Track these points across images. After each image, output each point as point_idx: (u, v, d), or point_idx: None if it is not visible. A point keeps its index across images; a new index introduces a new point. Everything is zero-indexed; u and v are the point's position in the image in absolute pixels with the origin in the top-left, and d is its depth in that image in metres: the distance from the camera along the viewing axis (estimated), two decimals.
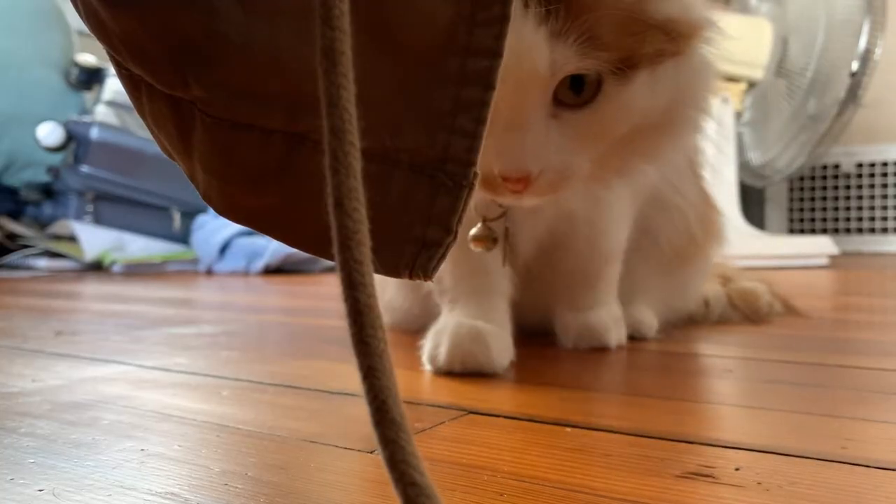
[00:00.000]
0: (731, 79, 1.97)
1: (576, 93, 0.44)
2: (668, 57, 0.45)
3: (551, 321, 0.69)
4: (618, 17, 0.42)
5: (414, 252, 0.30)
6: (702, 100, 0.52)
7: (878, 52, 1.92)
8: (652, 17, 0.43)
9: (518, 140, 0.44)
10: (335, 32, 0.22)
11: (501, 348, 0.58)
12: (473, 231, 0.56)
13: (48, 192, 2.24)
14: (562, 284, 0.68)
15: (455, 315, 0.61)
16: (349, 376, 0.60)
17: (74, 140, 2.17)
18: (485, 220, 0.56)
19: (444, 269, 0.60)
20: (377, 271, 0.32)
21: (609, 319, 0.67)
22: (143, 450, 0.39)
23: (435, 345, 0.58)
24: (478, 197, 0.52)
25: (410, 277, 0.31)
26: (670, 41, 0.45)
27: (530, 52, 0.41)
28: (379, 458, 0.37)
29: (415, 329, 0.69)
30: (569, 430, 0.42)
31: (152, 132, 0.34)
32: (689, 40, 0.46)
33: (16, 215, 2.26)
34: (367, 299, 0.21)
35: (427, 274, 0.31)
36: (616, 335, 0.67)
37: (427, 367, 0.58)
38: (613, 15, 0.41)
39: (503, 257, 0.60)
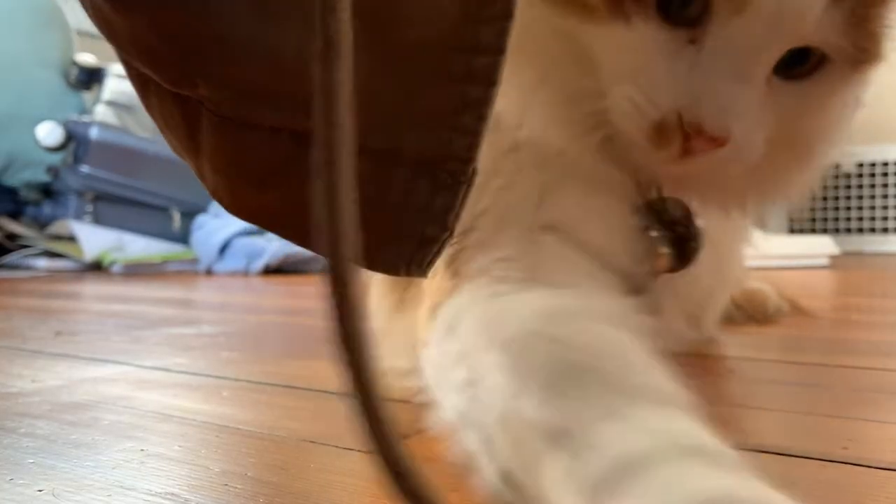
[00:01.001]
0: None
1: (791, 63, 0.36)
2: (861, 71, 0.38)
3: None
4: (888, 7, 0.36)
5: (412, 250, 0.30)
6: (834, 136, 0.43)
7: None
8: (882, 24, 0.37)
9: (738, 94, 0.35)
10: (339, 24, 0.21)
11: None
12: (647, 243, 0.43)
13: (48, 192, 2.24)
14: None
15: None
16: None
17: (74, 140, 2.17)
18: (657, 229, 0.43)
19: None
20: (376, 269, 0.32)
21: None
22: (142, 450, 0.39)
23: None
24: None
25: (407, 275, 0.31)
26: (872, 55, 0.38)
27: (804, 5, 0.34)
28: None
29: None
30: None
31: (161, 130, 0.34)
32: (874, 63, 0.39)
33: (15, 215, 2.26)
34: (354, 295, 0.21)
35: (423, 271, 0.31)
36: None
37: None
38: (883, 4, 0.36)
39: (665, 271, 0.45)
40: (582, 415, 0.25)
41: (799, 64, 0.36)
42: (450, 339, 0.34)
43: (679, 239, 0.43)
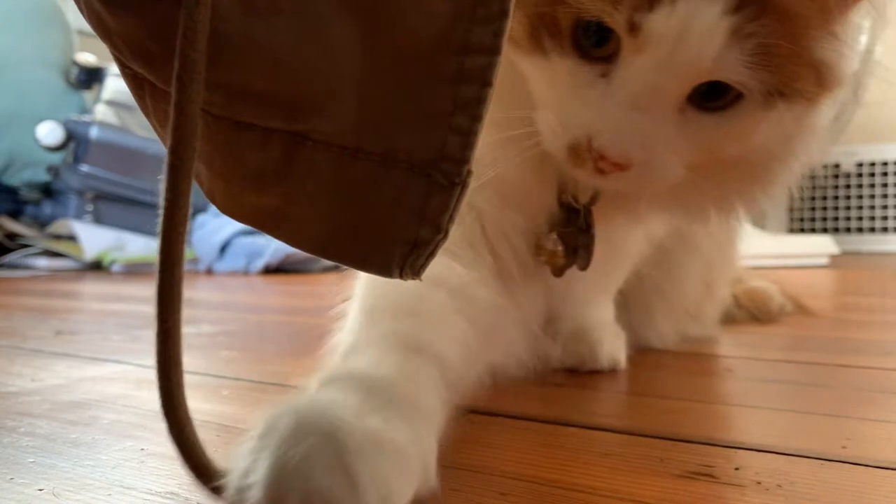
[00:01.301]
0: None
1: (708, 97, 0.39)
2: (805, 101, 0.40)
3: None
4: (800, 42, 0.37)
5: (406, 252, 0.30)
6: (793, 160, 0.45)
7: (878, 51, 1.92)
8: (813, 55, 0.38)
9: (639, 124, 0.38)
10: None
11: None
12: (545, 243, 0.50)
13: (48, 191, 2.24)
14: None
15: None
16: None
17: (74, 139, 2.17)
18: (556, 231, 0.50)
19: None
20: (369, 271, 0.32)
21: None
22: (142, 449, 0.39)
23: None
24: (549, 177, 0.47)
25: (401, 277, 0.31)
26: (815, 86, 0.40)
27: (702, 40, 0.36)
28: None
29: None
30: (569, 429, 0.42)
31: (156, 131, 0.34)
32: (826, 93, 0.41)
33: (15, 215, 2.26)
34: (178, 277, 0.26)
35: (416, 273, 0.31)
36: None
37: None
38: (798, 37, 0.37)
39: (584, 263, 0.50)
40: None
41: (715, 97, 0.39)
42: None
43: (573, 241, 0.50)
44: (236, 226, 1.98)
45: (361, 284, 0.42)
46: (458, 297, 0.42)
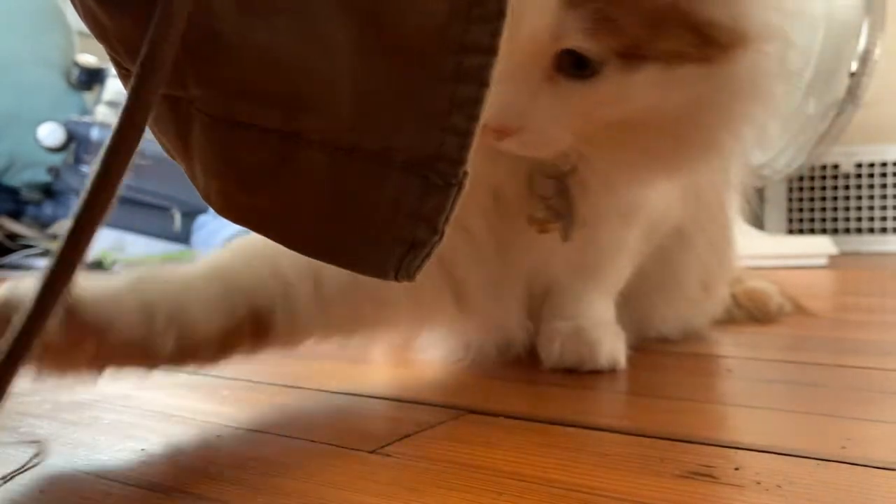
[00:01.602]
0: None
1: (577, 66, 0.41)
2: (692, 61, 0.41)
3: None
4: (641, 4, 0.38)
5: (402, 253, 0.30)
6: (735, 122, 0.46)
7: (877, 52, 1.92)
8: (687, 15, 0.39)
9: (504, 92, 0.40)
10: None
11: None
12: (534, 212, 0.52)
13: (49, 192, 2.24)
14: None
15: None
16: (349, 376, 0.60)
17: (75, 140, 2.16)
18: (543, 197, 0.51)
19: None
20: (365, 272, 0.32)
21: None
22: (143, 449, 0.39)
23: None
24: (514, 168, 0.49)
25: (396, 279, 0.31)
26: (699, 45, 0.40)
27: (534, 13, 0.38)
28: (380, 458, 0.37)
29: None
30: (568, 429, 0.42)
31: (153, 132, 0.34)
32: (726, 51, 0.41)
33: (16, 215, 2.26)
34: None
35: (410, 275, 0.31)
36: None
37: None
38: (637, 1, 0.38)
39: (565, 232, 0.53)
40: None
41: (583, 66, 0.41)
42: None
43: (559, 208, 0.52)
44: (237, 227, 1.97)
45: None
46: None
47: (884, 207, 2.82)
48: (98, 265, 2.11)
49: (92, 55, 2.34)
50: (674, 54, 0.40)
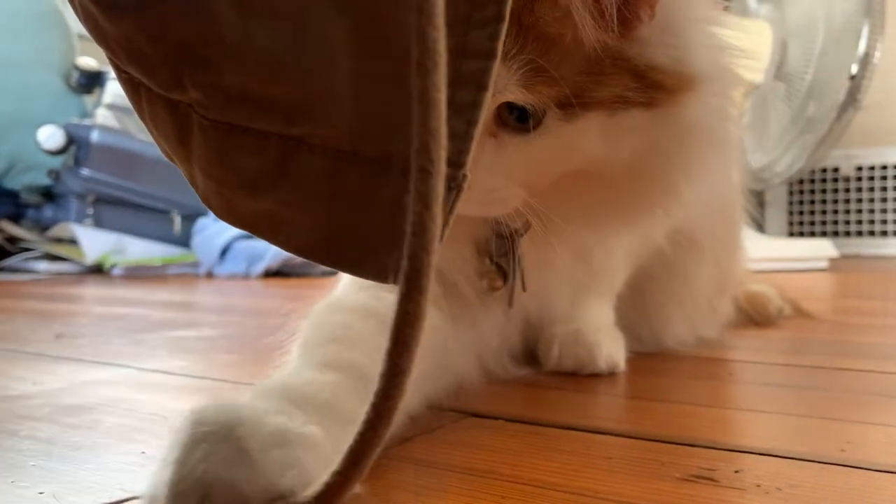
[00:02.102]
0: None
1: (518, 119, 0.40)
2: (635, 106, 0.40)
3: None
4: (571, 53, 0.38)
5: (401, 257, 0.30)
6: (690, 166, 0.44)
7: (877, 55, 1.92)
8: (627, 61, 0.38)
9: None
10: (435, 32, 0.24)
11: None
12: (483, 270, 0.51)
13: (49, 195, 2.24)
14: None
15: None
16: None
17: (75, 143, 2.17)
18: (492, 258, 0.51)
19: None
20: (364, 276, 0.32)
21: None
22: (143, 452, 0.39)
23: None
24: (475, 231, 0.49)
25: (395, 283, 0.31)
26: (643, 90, 0.39)
27: None
28: (380, 461, 0.37)
29: None
30: (568, 432, 0.42)
31: (153, 135, 0.34)
32: (673, 94, 0.40)
33: (16, 218, 2.26)
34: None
35: None
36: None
37: None
38: (566, 49, 0.37)
39: (509, 298, 0.52)
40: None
41: (525, 119, 0.40)
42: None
43: (507, 266, 0.51)
44: (237, 229, 1.98)
45: (305, 322, 0.46)
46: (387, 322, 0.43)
47: (884, 210, 2.82)
48: (98, 268, 2.11)
49: (92, 58, 2.35)
50: (616, 100, 0.39)
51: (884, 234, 2.82)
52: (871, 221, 2.84)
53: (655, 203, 0.46)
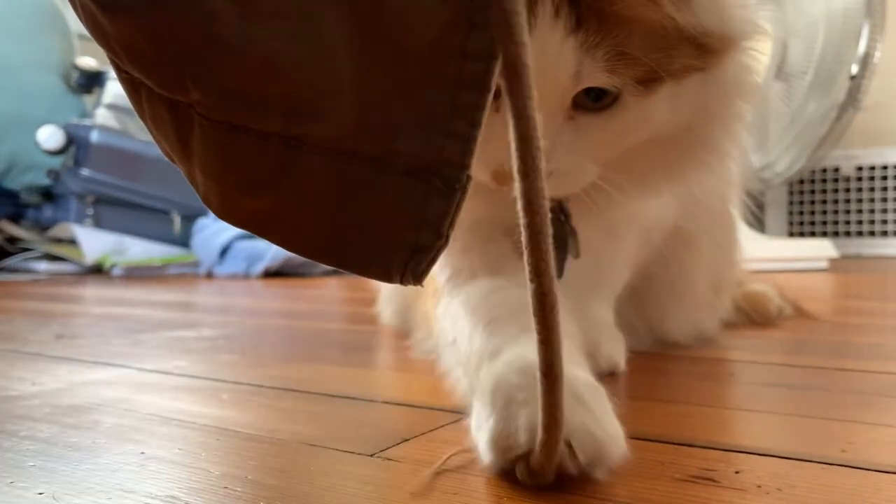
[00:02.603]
0: None
1: (594, 99, 0.43)
2: (694, 72, 0.43)
3: None
4: (650, 32, 0.40)
5: (406, 257, 0.30)
6: (729, 122, 0.49)
7: (877, 55, 1.92)
8: (686, 31, 0.41)
9: None
10: (519, 47, 0.26)
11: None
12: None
13: (48, 195, 2.24)
14: None
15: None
16: (349, 379, 0.60)
17: (75, 143, 2.17)
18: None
19: None
20: (369, 276, 0.32)
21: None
22: (142, 453, 0.39)
23: None
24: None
25: (402, 283, 0.31)
26: (700, 56, 0.43)
27: (555, 62, 0.39)
28: (380, 461, 0.37)
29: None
30: None
31: (153, 135, 0.34)
32: (719, 56, 0.44)
33: (16, 219, 2.26)
34: (549, 284, 0.28)
35: (417, 279, 0.31)
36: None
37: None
38: (646, 30, 0.40)
39: (560, 266, 0.53)
40: (499, 343, 0.42)
41: (601, 98, 0.43)
42: (444, 320, 0.52)
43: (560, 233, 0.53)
44: (236, 229, 1.98)
45: (456, 303, 0.51)
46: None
47: (884, 210, 2.82)
48: (98, 268, 2.11)
49: (92, 58, 2.35)
50: (681, 70, 0.43)
51: (884, 234, 2.82)
52: (872, 222, 2.84)
53: (704, 158, 0.50)
